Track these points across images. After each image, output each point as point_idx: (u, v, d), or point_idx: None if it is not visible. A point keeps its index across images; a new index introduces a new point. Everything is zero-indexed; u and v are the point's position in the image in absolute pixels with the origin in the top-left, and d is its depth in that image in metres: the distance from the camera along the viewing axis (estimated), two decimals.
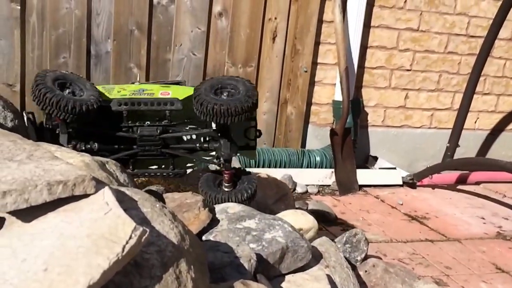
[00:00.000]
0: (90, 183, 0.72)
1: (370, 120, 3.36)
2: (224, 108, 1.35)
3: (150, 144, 1.45)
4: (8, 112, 1.19)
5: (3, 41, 2.54)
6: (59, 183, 0.68)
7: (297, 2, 2.91)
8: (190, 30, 2.77)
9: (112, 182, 0.97)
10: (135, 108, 1.45)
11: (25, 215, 0.67)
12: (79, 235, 0.64)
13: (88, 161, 0.98)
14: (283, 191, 1.99)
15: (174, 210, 1.06)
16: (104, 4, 2.63)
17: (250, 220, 1.21)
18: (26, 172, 0.69)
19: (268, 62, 2.97)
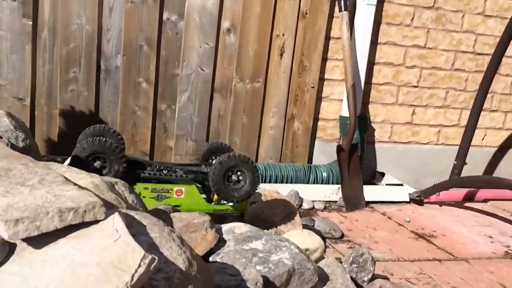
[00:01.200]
0: (100, 210, 0.72)
1: (377, 136, 3.36)
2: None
3: None
4: (20, 132, 1.21)
5: (15, 55, 2.58)
6: (70, 210, 0.69)
7: (305, 19, 2.93)
8: (198, 45, 2.80)
9: (121, 203, 0.98)
10: None
11: (36, 242, 0.67)
12: (89, 263, 0.65)
13: (97, 182, 0.99)
14: (290, 209, 1.99)
15: (181, 230, 1.07)
16: (114, 20, 2.66)
17: (256, 241, 1.22)
18: (37, 198, 0.70)
19: (275, 78, 2.99)
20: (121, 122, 2.81)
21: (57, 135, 2.73)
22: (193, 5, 2.74)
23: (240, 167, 1.72)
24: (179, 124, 2.90)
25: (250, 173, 1.73)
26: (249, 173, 1.73)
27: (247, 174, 1.73)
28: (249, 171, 1.73)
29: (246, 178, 1.73)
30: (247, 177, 1.73)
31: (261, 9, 2.83)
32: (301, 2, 2.90)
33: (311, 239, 1.46)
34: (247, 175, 1.73)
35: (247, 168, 1.74)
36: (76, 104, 2.71)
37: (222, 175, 1.69)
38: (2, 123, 1.20)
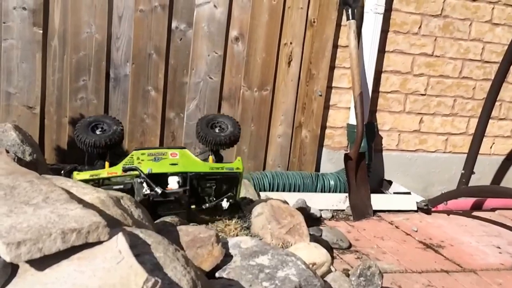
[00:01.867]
0: (104, 230, 0.73)
1: (384, 144, 3.35)
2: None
3: None
4: (27, 146, 1.22)
5: (25, 64, 2.61)
6: (73, 231, 0.70)
7: (313, 28, 2.93)
8: (207, 54, 2.81)
9: (126, 219, 0.99)
10: None
11: (39, 263, 0.68)
12: (91, 286, 0.66)
13: (103, 197, 1.00)
14: (297, 220, 1.99)
15: (188, 245, 1.07)
16: (124, 28, 2.69)
17: (263, 256, 1.22)
18: (41, 218, 0.71)
19: (283, 86, 2.99)
20: (130, 130, 2.83)
21: (67, 144, 2.76)
22: (202, 14, 2.75)
23: (219, 119, 2.04)
24: (188, 132, 2.91)
25: (230, 121, 2.04)
26: (229, 122, 2.04)
27: (227, 123, 2.04)
28: (228, 120, 2.04)
29: (227, 126, 2.02)
30: (228, 125, 2.02)
31: (269, 17, 2.84)
32: (309, 10, 2.90)
33: (318, 253, 1.46)
34: (227, 124, 2.03)
35: (226, 118, 2.07)
36: (86, 112, 2.74)
37: (205, 125, 2.00)
38: (9, 137, 1.22)
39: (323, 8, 2.90)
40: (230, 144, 2.01)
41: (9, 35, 2.55)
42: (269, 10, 2.83)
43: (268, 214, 2.00)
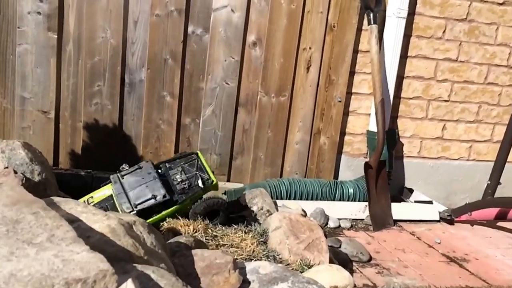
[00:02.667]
0: (111, 279, 0.67)
1: (405, 151, 3.26)
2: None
3: None
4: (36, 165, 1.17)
5: (39, 69, 2.57)
6: (78, 281, 0.64)
7: (332, 32, 2.85)
8: (223, 59, 2.75)
9: (138, 249, 0.93)
10: None
11: None
12: None
13: (114, 225, 0.94)
14: (316, 234, 1.91)
15: (203, 271, 1.01)
16: (139, 33, 2.63)
17: (282, 283, 1.15)
18: (44, 263, 0.65)
19: (301, 92, 2.91)
20: (145, 136, 2.78)
21: (81, 148, 2.72)
22: (219, 19, 2.69)
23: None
24: (203, 138, 2.85)
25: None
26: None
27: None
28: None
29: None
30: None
31: (288, 22, 2.76)
32: (329, 15, 2.82)
33: (341, 276, 1.39)
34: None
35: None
36: (100, 117, 2.70)
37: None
38: (18, 156, 1.17)
39: (344, 13, 2.81)
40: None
41: (23, 40, 2.51)
42: (287, 14, 2.75)
43: (286, 228, 1.93)
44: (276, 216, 2.00)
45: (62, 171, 2.67)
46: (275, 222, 1.97)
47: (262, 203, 2.26)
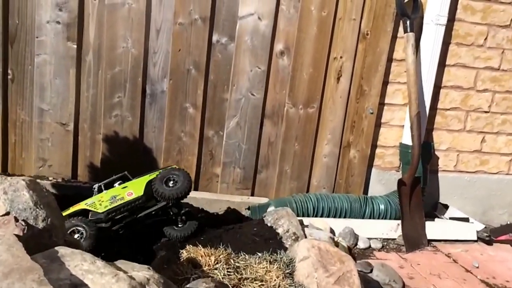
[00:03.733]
0: None
1: (441, 164, 3.07)
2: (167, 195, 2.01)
3: (133, 222, 2.06)
4: (41, 210, 1.06)
5: (58, 80, 2.48)
6: None
7: (366, 40, 2.68)
8: (249, 69, 2.61)
9: None
10: (119, 212, 2.02)
11: None
12: None
13: None
14: (347, 266, 1.76)
15: None
16: (162, 42, 2.51)
17: None
18: None
19: (331, 103, 2.75)
20: (166, 148, 2.66)
21: (100, 161, 2.62)
22: (245, 27, 2.54)
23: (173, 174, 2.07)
24: (227, 151, 2.72)
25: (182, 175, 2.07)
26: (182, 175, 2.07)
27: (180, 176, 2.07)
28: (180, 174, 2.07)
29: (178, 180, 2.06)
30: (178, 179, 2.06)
31: (318, 30, 2.60)
32: (362, 22, 2.65)
33: None
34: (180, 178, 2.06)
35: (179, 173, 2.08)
36: (120, 130, 2.59)
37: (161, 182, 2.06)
38: (22, 198, 1.05)
39: (378, 19, 2.64)
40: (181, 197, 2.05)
41: (42, 50, 2.42)
42: (317, 22, 2.59)
43: (315, 259, 1.79)
44: (304, 244, 1.85)
45: (80, 184, 2.58)
46: (303, 252, 1.83)
47: (289, 225, 2.13)
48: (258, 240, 2.07)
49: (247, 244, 2.04)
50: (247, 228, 2.14)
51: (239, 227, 2.14)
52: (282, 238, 2.13)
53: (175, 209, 2.12)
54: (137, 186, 2.09)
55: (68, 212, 2.00)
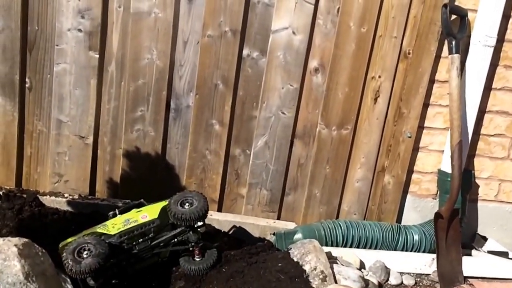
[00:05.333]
0: None
1: (481, 193, 2.86)
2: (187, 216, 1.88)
3: (146, 252, 1.93)
4: (32, 284, 0.90)
5: (78, 90, 2.35)
6: None
7: (407, 60, 2.48)
8: (280, 86, 2.44)
9: None
10: (132, 235, 1.89)
11: None
12: None
13: None
14: None
15: None
16: (189, 55, 2.36)
17: None
18: None
19: (366, 125, 2.57)
20: (189, 166, 2.51)
21: (120, 177, 2.49)
22: (278, 41, 2.37)
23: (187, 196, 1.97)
24: (253, 171, 2.56)
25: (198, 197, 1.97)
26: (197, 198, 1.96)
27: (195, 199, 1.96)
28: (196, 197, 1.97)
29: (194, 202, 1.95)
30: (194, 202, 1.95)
31: (356, 47, 2.42)
32: (404, 40, 2.45)
33: None
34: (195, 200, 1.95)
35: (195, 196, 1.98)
36: (142, 145, 2.45)
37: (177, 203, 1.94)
38: (11, 270, 0.89)
39: (421, 38, 2.44)
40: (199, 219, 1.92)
41: (62, 59, 2.30)
42: (356, 38, 2.41)
43: None
44: None
45: (98, 201, 2.45)
46: None
47: (316, 262, 1.95)
48: (283, 278, 1.90)
49: (271, 282, 1.87)
50: (271, 262, 1.97)
51: (263, 261, 1.97)
52: (309, 276, 1.96)
53: (193, 235, 1.97)
54: (152, 210, 1.99)
55: (79, 236, 1.86)
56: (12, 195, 2.30)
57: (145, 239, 1.93)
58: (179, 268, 2.02)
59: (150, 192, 2.48)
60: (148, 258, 1.97)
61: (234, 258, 2.06)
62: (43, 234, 2.14)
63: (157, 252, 1.97)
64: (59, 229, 2.18)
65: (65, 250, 1.71)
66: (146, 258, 1.96)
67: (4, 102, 2.34)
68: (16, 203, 2.24)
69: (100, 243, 1.75)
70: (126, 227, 1.90)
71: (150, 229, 1.94)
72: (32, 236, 2.09)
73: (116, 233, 1.88)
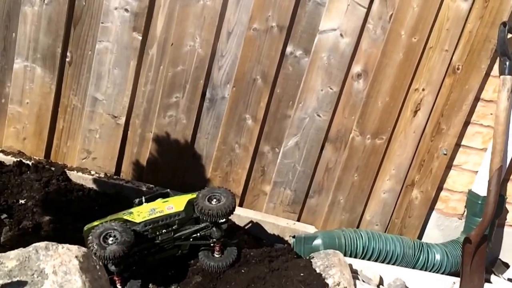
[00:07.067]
0: None
1: (508, 218, 2.77)
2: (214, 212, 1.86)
3: (168, 243, 1.92)
4: None
5: (117, 70, 2.32)
6: None
7: (455, 75, 2.39)
8: (320, 88, 2.38)
9: None
10: (156, 225, 1.88)
11: None
12: None
13: None
14: None
15: None
16: (231, 46, 2.31)
17: None
18: None
19: (402, 137, 2.50)
20: (216, 158, 2.48)
21: (146, 160, 2.47)
22: (323, 42, 2.30)
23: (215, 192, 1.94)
24: (280, 170, 2.52)
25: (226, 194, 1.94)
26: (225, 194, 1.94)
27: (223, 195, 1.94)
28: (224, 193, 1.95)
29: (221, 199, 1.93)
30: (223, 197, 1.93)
31: (404, 57, 2.34)
32: (454, 54, 2.36)
33: None
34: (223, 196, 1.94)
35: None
36: (172, 131, 2.42)
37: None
38: (73, 285, 0.83)
39: (473, 54, 2.34)
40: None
41: (105, 37, 2.26)
42: (405, 48, 2.32)
43: None
44: None
45: (123, 182, 2.44)
46: None
47: (340, 278, 1.91)
48: None
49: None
50: (293, 270, 1.94)
51: (285, 268, 1.94)
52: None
53: (216, 232, 1.94)
54: (178, 201, 1.97)
55: (104, 220, 1.85)
56: (40, 167, 2.30)
57: (168, 230, 1.92)
58: (196, 262, 2.01)
59: (173, 179, 2.46)
60: (169, 249, 1.96)
61: (253, 259, 2.03)
62: (67, 210, 2.15)
63: (178, 244, 1.96)
64: (83, 208, 2.19)
65: (91, 233, 1.70)
66: (167, 249, 1.95)
67: (43, 74, 2.32)
68: (44, 176, 2.25)
69: (126, 231, 1.74)
70: (151, 216, 1.89)
71: (175, 221, 1.93)
72: (56, 211, 2.10)
73: (141, 222, 1.87)
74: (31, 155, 2.43)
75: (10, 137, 2.42)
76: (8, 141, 2.43)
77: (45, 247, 1.11)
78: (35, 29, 2.25)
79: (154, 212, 1.90)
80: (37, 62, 2.30)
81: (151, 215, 1.89)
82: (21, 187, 2.18)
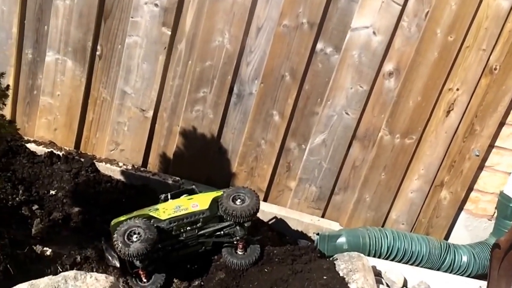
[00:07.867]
0: None
1: None
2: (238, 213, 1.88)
3: (192, 240, 1.94)
4: None
5: (146, 64, 2.32)
6: None
7: (491, 75, 2.31)
8: (349, 86, 2.33)
9: None
10: (181, 223, 1.90)
11: None
12: None
13: None
14: None
15: None
16: (260, 42, 2.28)
17: None
18: None
19: (433, 137, 2.44)
20: (242, 153, 2.48)
21: (173, 153, 2.49)
22: (355, 39, 2.25)
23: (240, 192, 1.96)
24: (306, 166, 2.50)
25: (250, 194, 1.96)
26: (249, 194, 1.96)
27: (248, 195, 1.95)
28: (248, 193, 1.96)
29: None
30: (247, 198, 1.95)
31: (439, 55, 2.26)
32: (492, 54, 2.27)
33: None
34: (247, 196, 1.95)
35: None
36: (199, 126, 2.43)
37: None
38: None
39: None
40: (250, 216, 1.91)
41: (135, 32, 2.27)
42: (440, 46, 2.24)
43: None
44: None
45: (149, 175, 2.47)
46: None
47: (363, 283, 1.90)
48: None
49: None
50: (316, 272, 1.93)
51: (308, 270, 1.94)
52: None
53: (240, 231, 1.95)
54: (203, 199, 1.98)
55: (130, 216, 1.88)
56: (70, 158, 2.35)
57: (192, 227, 1.94)
58: (220, 258, 2.02)
59: (199, 173, 2.48)
60: (193, 246, 1.98)
61: (276, 258, 2.04)
62: (95, 202, 2.19)
63: (201, 241, 1.98)
64: (111, 200, 2.23)
65: (116, 231, 1.74)
66: (191, 246, 1.97)
67: (74, 67, 2.35)
68: (74, 167, 2.30)
69: (149, 228, 1.77)
70: (176, 214, 1.91)
71: (199, 219, 1.94)
72: (85, 203, 2.15)
73: (166, 219, 1.89)
74: (61, 145, 2.48)
75: (42, 128, 2.47)
76: (40, 131, 2.48)
77: (74, 277, 1.14)
78: (66, 22, 2.27)
79: (179, 210, 1.92)
80: (68, 55, 2.33)
81: (176, 213, 1.91)
82: (51, 177, 2.23)
